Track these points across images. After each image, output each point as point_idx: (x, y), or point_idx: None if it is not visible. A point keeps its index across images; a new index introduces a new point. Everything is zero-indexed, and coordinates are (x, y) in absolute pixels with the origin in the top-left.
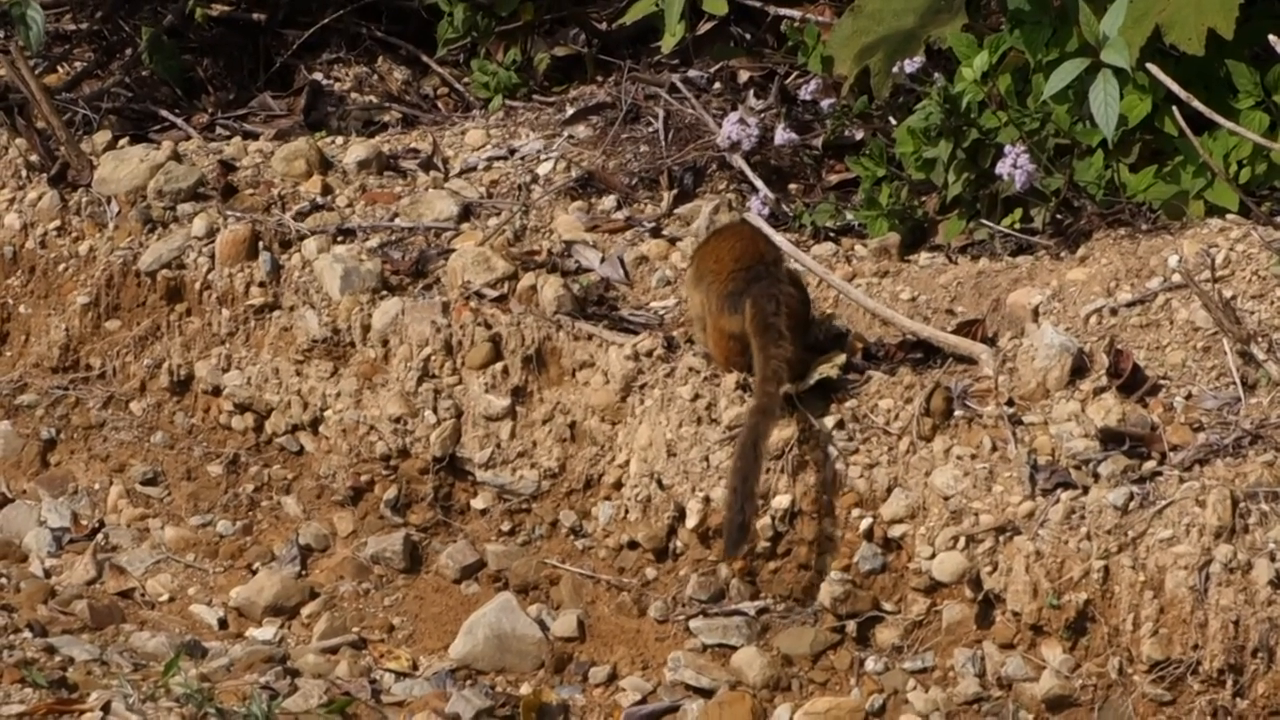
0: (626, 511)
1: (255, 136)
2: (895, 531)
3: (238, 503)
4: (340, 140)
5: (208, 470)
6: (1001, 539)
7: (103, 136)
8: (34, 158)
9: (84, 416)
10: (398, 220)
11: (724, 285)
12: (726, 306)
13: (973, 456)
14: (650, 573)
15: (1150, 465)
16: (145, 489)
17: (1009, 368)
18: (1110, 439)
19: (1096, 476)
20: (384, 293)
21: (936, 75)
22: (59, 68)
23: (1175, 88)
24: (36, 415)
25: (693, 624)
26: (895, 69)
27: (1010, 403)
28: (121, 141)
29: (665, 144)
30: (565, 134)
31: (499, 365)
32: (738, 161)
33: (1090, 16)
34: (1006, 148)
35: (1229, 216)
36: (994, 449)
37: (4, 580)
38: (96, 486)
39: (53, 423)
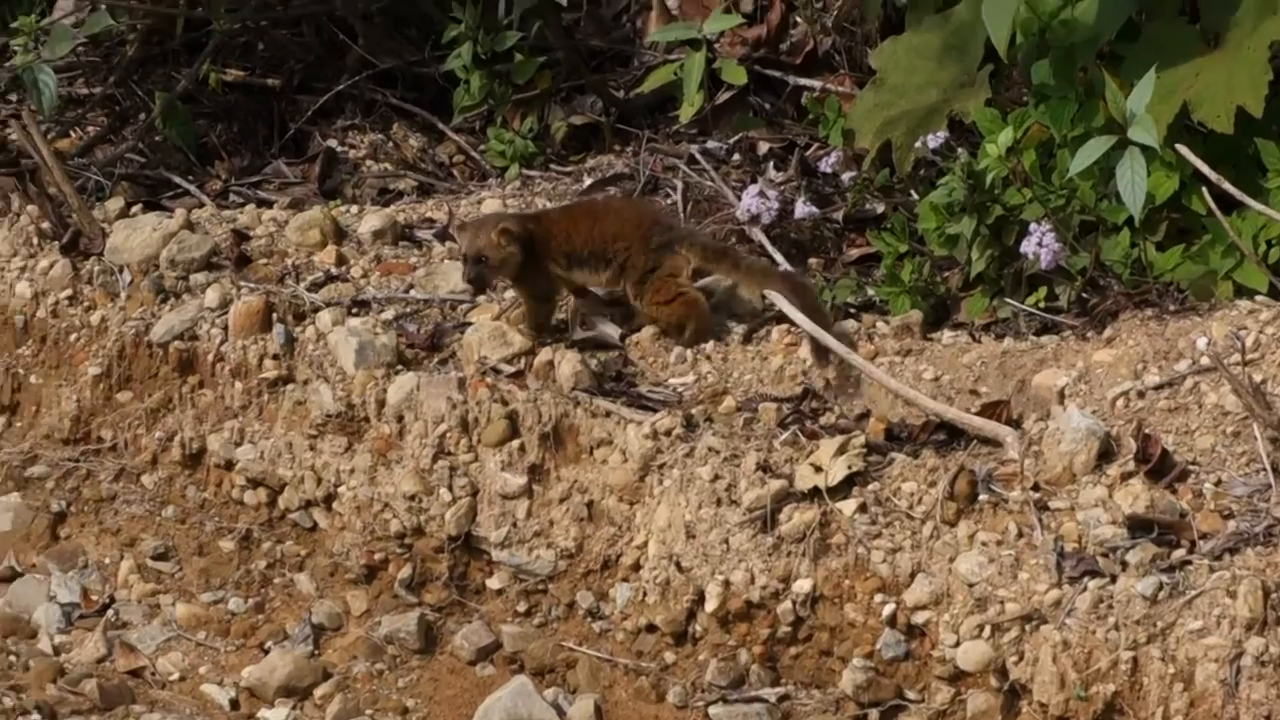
0: (645, 594)
1: (269, 204)
2: (919, 618)
3: (250, 579)
4: (355, 209)
5: (220, 546)
6: (1028, 628)
7: (115, 203)
8: (45, 225)
9: (95, 489)
10: (413, 292)
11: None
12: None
13: (998, 542)
14: (669, 657)
15: (1179, 554)
16: (156, 564)
17: (1034, 451)
18: (1138, 526)
19: (1124, 565)
20: (399, 367)
21: (960, 150)
22: (71, 133)
23: (1203, 166)
24: (47, 488)
25: (712, 710)
26: (918, 143)
27: (1036, 487)
28: (134, 209)
29: (684, 216)
30: None
31: (515, 443)
32: (757, 235)
33: (1117, 92)
34: (1032, 225)
35: (1258, 298)
36: (1020, 535)
37: (13, 658)
38: (107, 561)
39: (63, 495)
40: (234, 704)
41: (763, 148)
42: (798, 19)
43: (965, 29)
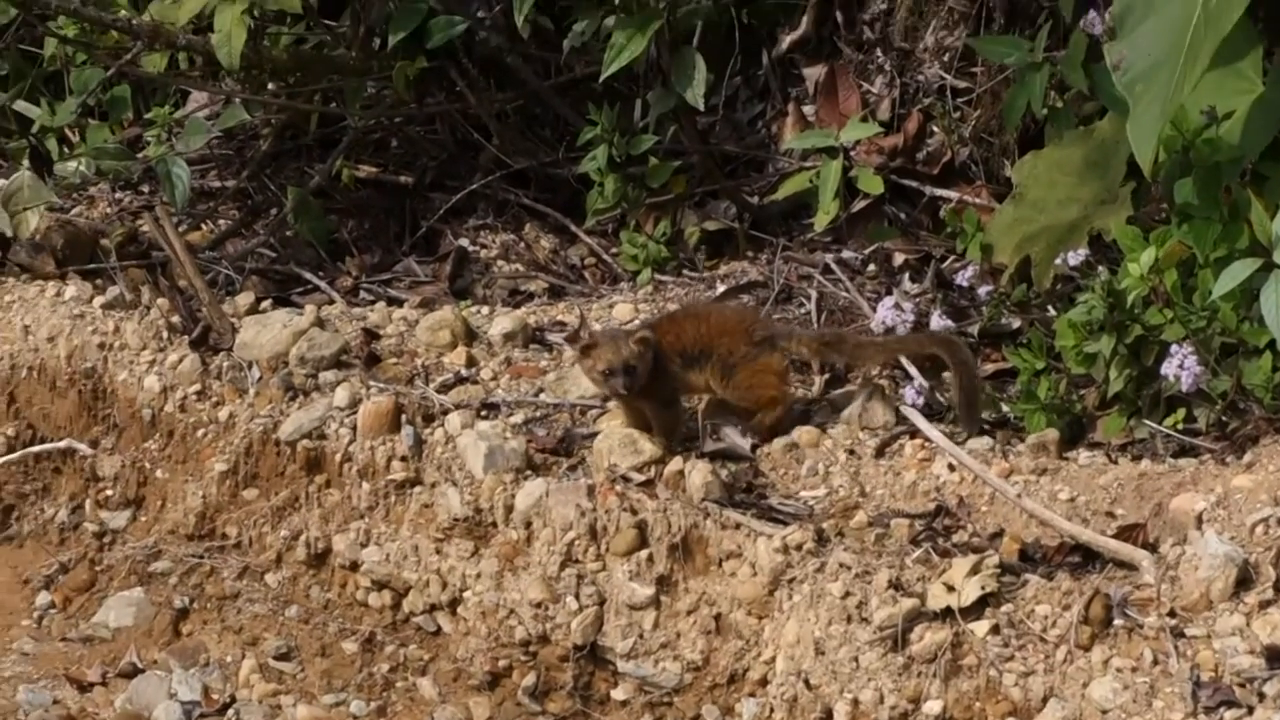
0: (772, 709)
1: (400, 302)
2: None
3: (372, 682)
4: (486, 310)
5: (342, 647)
6: None
7: (245, 298)
8: (175, 319)
9: (218, 586)
10: (543, 396)
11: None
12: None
13: (1133, 669)
14: None
15: None
16: (278, 664)
17: (1171, 576)
18: (1276, 657)
19: (1262, 696)
20: (528, 472)
21: (1100, 268)
22: (203, 225)
23: None
24: (170, 583)
25: None
26: (1058, 260)
27: (1172, 613)
28: (264, 304)
29: (818, 325)
30: None
31: (644, 552)
32: None
33: (1262, 214)
34: (1173, 347)
35: None
36: (1155, 662)
37: None
38: (229, 659)
39: (186, 591)
40: None
41: (898, 258)
42: (935, 128)
43: (1108, 145)
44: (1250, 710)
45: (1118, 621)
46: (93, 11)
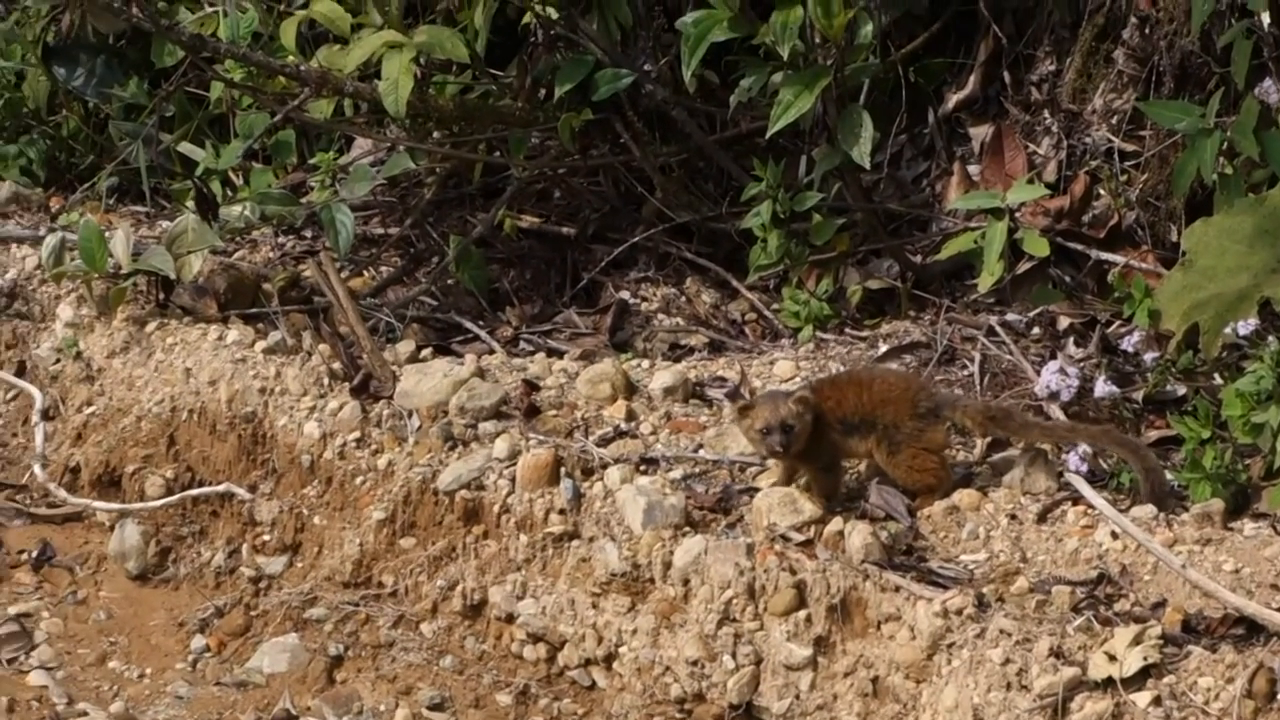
0: None
1: (559, 354)
2: None
3: None
4: (646, 364)
5: (497, 699)
6: None
7: (406, 346)
8: (336, 365)
9: (373, 634)
10: (702, 452)
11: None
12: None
13: None
14: None
15: None
16: (432, 714)
17: None
18: None
19: None
20: (686, 529)
21: (1270, 338)
22: (364, 272)
23: None
24: (325, 630)
25: None
26: (1227, 329)
27: None
28: (424, 352)
29: (980, 389)
30: None
31: (802, 613)
32: (1055, 412)
33: None
34: None
35: None
36: None
37: None
38: (382, 708)
39: (341, 639)
40: None
41: (1063, 322)
42: (1101, 191)
43: (1279, 213)
44: None
45: None
46: (261, 57)
